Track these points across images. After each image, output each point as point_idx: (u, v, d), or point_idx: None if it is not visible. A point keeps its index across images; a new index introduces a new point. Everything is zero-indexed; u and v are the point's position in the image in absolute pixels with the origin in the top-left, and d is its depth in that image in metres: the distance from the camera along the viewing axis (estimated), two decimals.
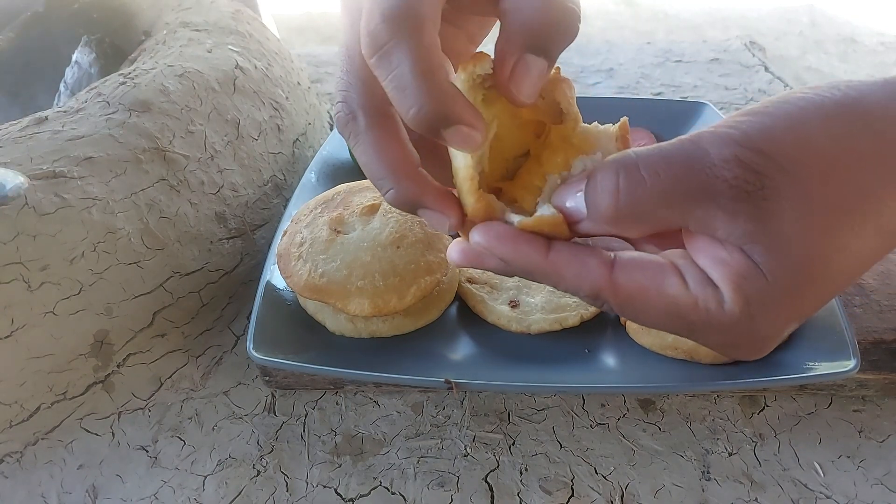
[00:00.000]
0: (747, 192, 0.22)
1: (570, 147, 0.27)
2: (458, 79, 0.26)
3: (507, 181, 0.28)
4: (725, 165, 0.22)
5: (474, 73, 0.25)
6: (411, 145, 0.27)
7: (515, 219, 0.26)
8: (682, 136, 0.24)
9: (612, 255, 0.26)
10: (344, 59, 0.26)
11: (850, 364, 0.38)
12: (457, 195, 0.27)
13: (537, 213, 0.25)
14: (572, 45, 0.25)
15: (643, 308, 0.25)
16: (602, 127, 0.27)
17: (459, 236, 0.28)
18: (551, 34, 0.24)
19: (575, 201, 0.25)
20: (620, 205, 0.23)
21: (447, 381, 0.39)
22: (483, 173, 0.26)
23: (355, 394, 0.49)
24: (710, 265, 0.24)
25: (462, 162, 0.25)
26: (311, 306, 0.46)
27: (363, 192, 0.48)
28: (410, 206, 0.26)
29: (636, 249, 0.29)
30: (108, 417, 0.47)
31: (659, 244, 0.28)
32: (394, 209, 0.46)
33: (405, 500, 0.41)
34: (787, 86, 0.97)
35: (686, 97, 0.95)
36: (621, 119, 0.27)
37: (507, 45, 0.24)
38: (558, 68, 0.28)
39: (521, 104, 0.25)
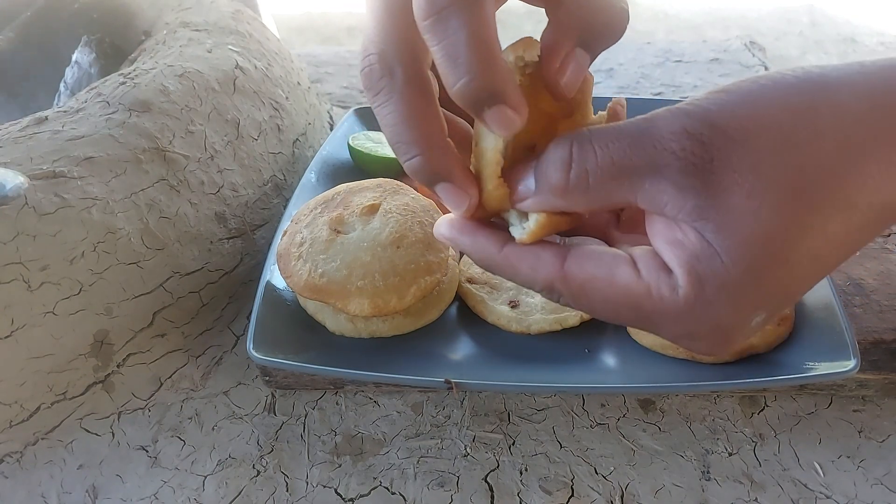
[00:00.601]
0: (694, 165, 0.21)
1: None
2: (506, 59, 0.25)
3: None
4: (673, 137, 0.21)
5: (522, 57, 0.25)
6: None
7: (515, 222, 0.26)
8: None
9: (567, 246, 0.25)
10: (381, 11, 0.25)
11: (850, 364, 0.38)
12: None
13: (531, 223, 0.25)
14: None
15: (596, 298, 0.24)
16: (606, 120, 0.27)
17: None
18: (604, 32, 0.24)
19: (525, 179, 0.24)
20: (570, 177, 0.23)
21: (447, 381, 0.39)
22: (505, 160, 0.26)
23: (355, 394, 0.49)
24: (665, 247, 0.23)
25: (491, 143, 0.25)
26: (311, 306, 0.46)
27: (363, 192, 0.48)
28: (434, 177, 0.25)
29: (610, 245, 0.28)
30: (108, 417, 0.47)
31: (635, 240, 0.28)
32: (394, 209, 0.46)
33: (405, 500, 0.41)
34: None
35: (686, 97, 0.95)
36: (613, 100, 0.27)
37: (562, 37, 0.24)
38: None
39: (562, 97, 0.25)
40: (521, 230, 0.25)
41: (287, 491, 0.42)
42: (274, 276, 0.47)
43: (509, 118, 0.23)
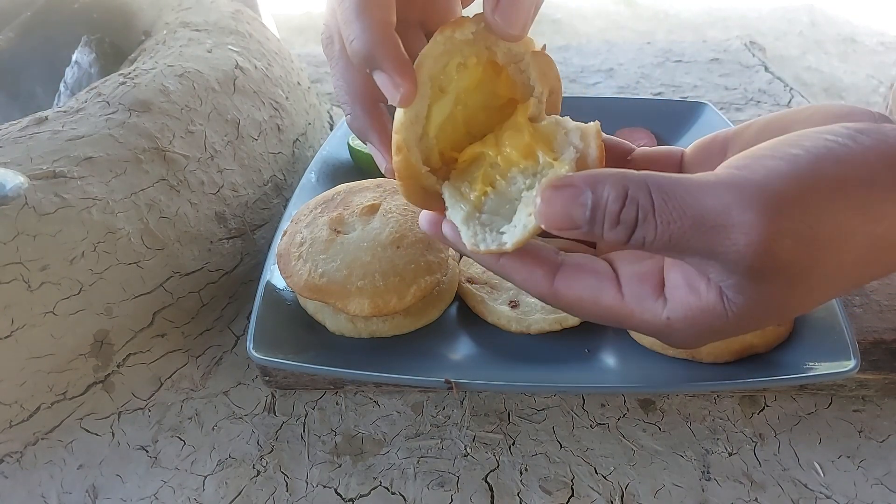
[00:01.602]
0: (754, 268, 0.22)
1: (536, 133, 0.27)
2: (434, 40, 0.26)
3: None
4: (741, 230, 0.21)
5: (452, 36, 0.26)
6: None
7: (446, 192, 0.28)
8: (704, 177, 0.23)
9: (560, 259, 0.28)
10: None
11: (850, 364, 0.38)
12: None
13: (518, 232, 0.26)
14: (572, 44, 0.25)
15: (584, 313, 0.28)
16: (574, 123, 0.27)
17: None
18: None
19: (574, 208, 0.25)
20: (630, 240, 0.24)
21: (447, 381, 0.39)
22: (428, 136, 0.27)
23: (355, 394, 0.49)
24: (678, 282, 0.26)
25: (397, 115, 0.27)
26: (311, 306, 0.46)
27: (363, 192, 0.48)
28: (359, 133, 0.30)
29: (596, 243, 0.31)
30: (108, 417, 0.47)
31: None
32: (394, 209, 0.46)
33: (405, 500, 0.41)
34: (787, 86, 0.97)
35: (686, 97, 0.95)
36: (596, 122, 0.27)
37: None
38: (544, 45, 0.28)
39: (509, 37, 0.26)
40: (496, 238, 0.27)
41: (287, 491, 0.42)
42: (274, 276, 0.47)
43: (393, 87, 0.25)
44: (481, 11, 0.26)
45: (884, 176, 0.22)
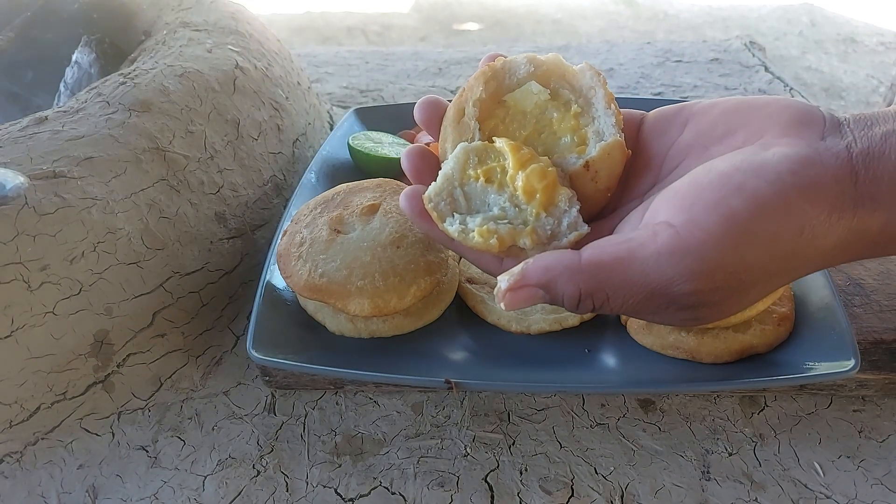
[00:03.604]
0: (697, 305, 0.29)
1: (549, 190, 0.32)
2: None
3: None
4: (683, 293, 0.27)
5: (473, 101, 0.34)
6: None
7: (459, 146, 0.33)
8: (647, 249, 0.28)
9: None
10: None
11: (850, 364, 0.38)
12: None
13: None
14: (572, 44, 0.26)
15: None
16: (575, 209, 0.32)
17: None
18: None
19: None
20: (578, 307, 0.29)
21: (447, 381, 0.39)
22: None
23: (355, 394, 0.49)
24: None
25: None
26: (311, 306, 0.46)
27: (363, 192, 0.48)
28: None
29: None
30: (107, 417, 0.47)
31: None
32: (394, 209, 0.46)
33: (405, 500, 0.41)
34: (787, 86, 0.97)
35: (686, 97, 0.95)
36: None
37: None
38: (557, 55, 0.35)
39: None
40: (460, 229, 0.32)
41: (287, 491, 0.42)
42: (274, 276, 0.47)
43: None
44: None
45: (813, 214, 0.27)
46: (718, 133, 0.31)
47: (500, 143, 0.33)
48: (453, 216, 0.32)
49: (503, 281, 0.28)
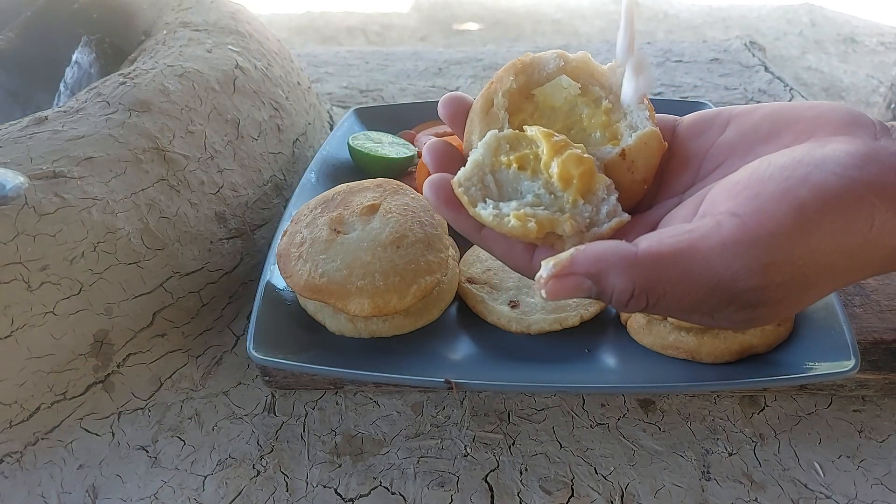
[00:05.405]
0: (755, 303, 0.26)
1: (586, 177, 0.30)
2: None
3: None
4: (746, 288, 0.25)
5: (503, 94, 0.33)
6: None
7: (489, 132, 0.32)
8: (711, 240, 0.25)
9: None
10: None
11: (850, 364, 0.38)
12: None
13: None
14: (572, 45, 0.26)
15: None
16: (614, 199, 0.30)
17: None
18: None
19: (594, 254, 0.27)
20: (644, 308, 0.26)
21: (447, 381, 0.39)
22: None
23: (355, 394, 0.49)
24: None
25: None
26: (311, 306, 0.46)
27: (363, 192, 0.48)
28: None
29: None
30: (108, 417, 0.47)
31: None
32: (394, 209, 0.46)
33: (405, 500, 0.41)
34: (788, 86, 0.97)
35: (686, 97, 0.95)
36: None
37: None
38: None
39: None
40: (498, 214, 0.29)
41: (287, 491, 0.42)
42: (274, 276, 0.47)
43: None
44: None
45: (882, 205, 0.25)
46: (763, 133, 0.30)
47: (533, 130, 0.32)
48: (485, 202, 0.30)
49: (546, 268, 0.26)
